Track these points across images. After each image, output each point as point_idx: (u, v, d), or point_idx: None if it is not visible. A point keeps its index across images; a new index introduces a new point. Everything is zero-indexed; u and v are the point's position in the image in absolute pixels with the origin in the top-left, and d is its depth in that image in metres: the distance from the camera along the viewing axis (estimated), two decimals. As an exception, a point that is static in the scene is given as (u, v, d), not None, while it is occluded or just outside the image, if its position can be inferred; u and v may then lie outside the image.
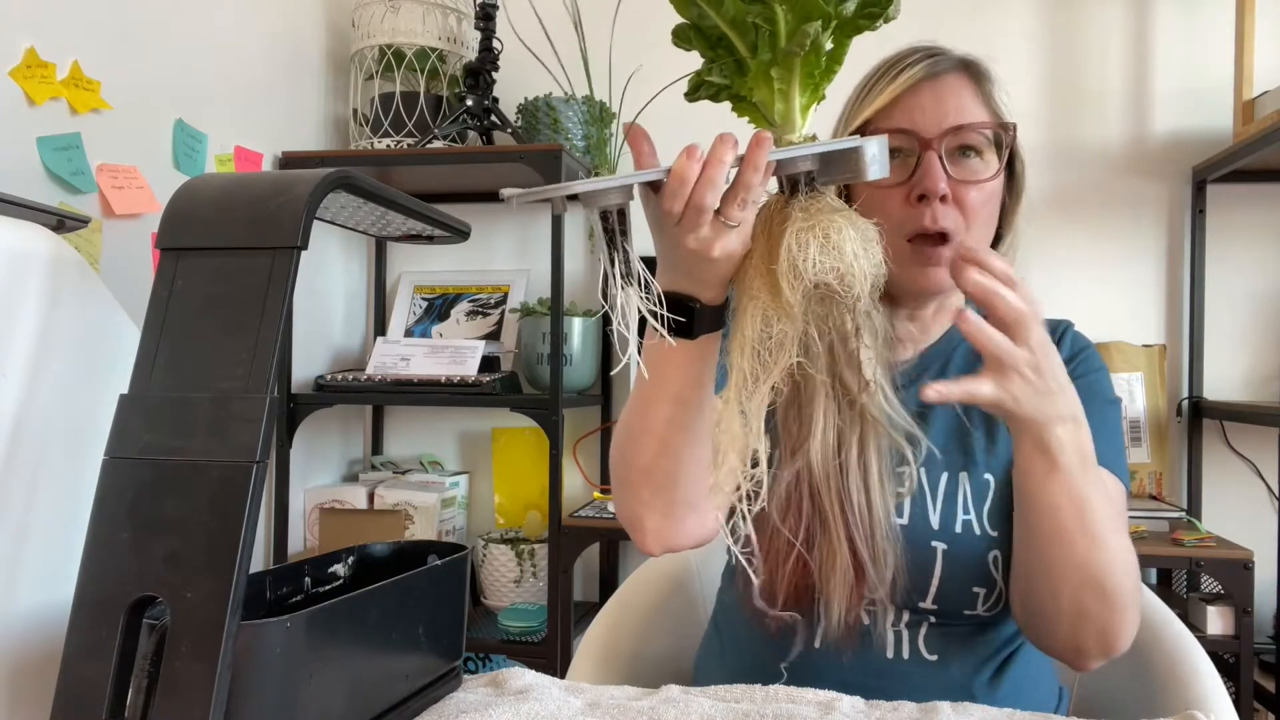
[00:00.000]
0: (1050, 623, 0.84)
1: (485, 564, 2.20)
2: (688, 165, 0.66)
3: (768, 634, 0.92)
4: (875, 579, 0.88)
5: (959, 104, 0.90)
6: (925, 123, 0.89)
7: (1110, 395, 0.96)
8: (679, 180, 0.67)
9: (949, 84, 0.92)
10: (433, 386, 2.01)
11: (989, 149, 0.91)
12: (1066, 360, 0.95)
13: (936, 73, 0.92)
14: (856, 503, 0.89)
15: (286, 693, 0.58)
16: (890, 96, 0.91)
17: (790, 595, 0.90)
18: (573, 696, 0.75)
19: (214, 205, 0.62)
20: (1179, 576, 2.08)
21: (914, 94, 0.91)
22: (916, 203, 0.88)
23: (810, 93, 0.70)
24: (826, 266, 0.64)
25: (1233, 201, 2.10)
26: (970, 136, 0.90)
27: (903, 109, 0.91)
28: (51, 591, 0.73)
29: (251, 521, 0.55)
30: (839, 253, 0.64)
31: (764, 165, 0.66)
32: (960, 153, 0.90)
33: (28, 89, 1.46)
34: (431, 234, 0.83)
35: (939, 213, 0.88)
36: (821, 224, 0.65)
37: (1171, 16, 2.16)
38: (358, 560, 0.82)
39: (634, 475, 0.85)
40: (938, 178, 0.87)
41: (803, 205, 0.67)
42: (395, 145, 2.15)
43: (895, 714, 0.74)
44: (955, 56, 0.94)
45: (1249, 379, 2.12)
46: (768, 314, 0.67)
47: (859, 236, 0.65)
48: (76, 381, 0.78)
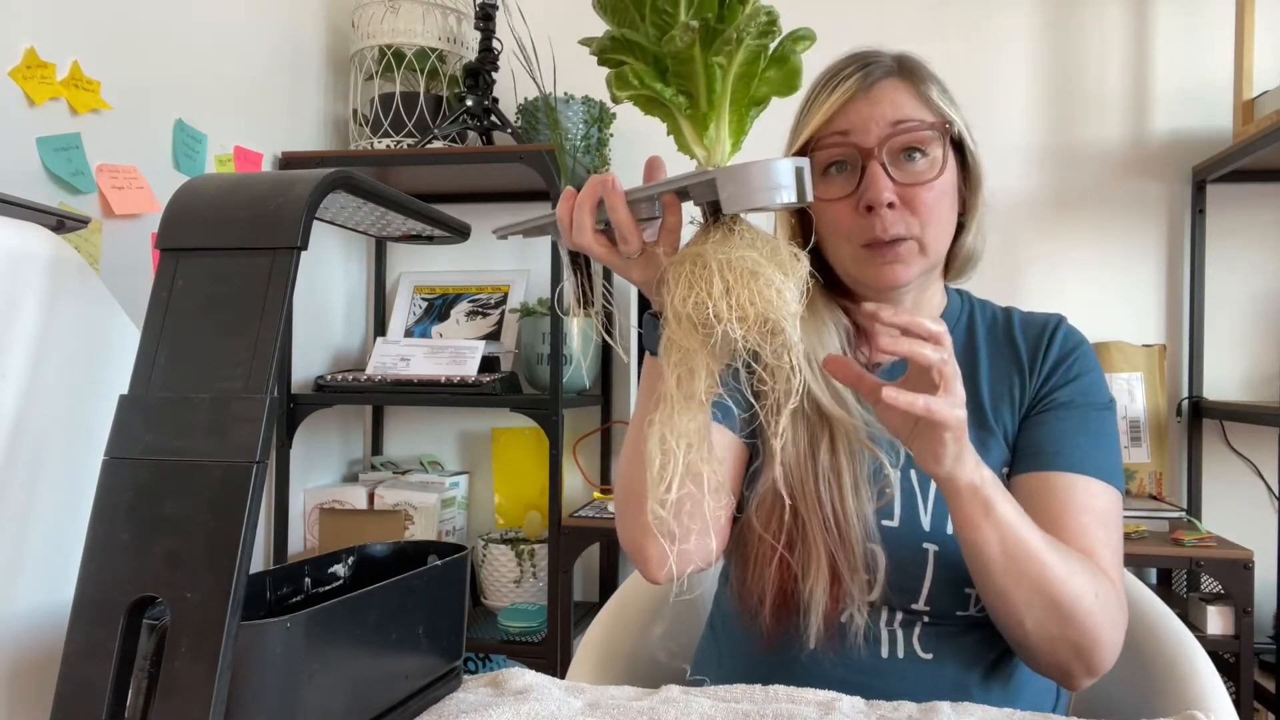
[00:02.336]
0: (1025, 649, 0.86)
1: (485, 564, 2.20)
2: (562, 209, 0.73)
3: (761, 635, 0.92)
4: (850, 583, 0.88)
5: (895, 108, 0.91)
6: (862, 129, 0.90)
7: (1103, 399, 0.95)
8: (562, 223, 0.74)
9: (883, 90, 0.92)
10: (433, 387, 2.01)
11: (935, 145, 0.91)
12: (1057, 359, 0.96)
13: (870, 82, 0.92)
14: (831, 508, 0.89)
15: (286, 693, 0.58)
16: (827, 114, 0.92)
17: (776, 598, 0.90)
18: (573, 697, 0.75)
19: (214, 205, 0.62)
20: (1179, 576, 2.08)
21: (850, 106, 0.91)
22: (866, 213, 0.89)
23: (736, 116, 0.68)
24: (693, 304, 0.64)
25: (1233, 201, 2.10)
26: (912, 137, 0.90)
27: (840, 121, 0.91)
28: (51, 591, 0.73)
29: (251, 522, 0.55)
30: (708, 290, 0.63)
31: (620, 205, 0.70)
32: (905, 155, 0.91)
33: (28, 89, 1.46)
34: (431, 234, 0.83)
35: (888, 220, 0.89)
36: (697, 263, 0.64)
37: (1171, 16, 2.16)
38: (358, 560, 0.82)
39: (635, 499, 0.86)
40: (881, 187, 0.88)
41: (716, 240, 0.66)
42: (395, 145, 2.15)
43: (895, 714, 0.74)
44: (888, 60, 0.94)
45: (1249, 379, 2.12)
46: (673, 342, 0.67)
47: (733, 277, 0.63)
48: (76, 381, 0.78)
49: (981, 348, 0.99)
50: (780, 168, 0.64)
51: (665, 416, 0.67)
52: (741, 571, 0.94)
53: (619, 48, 0.68)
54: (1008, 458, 0.94)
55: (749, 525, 0.92)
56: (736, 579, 0.95)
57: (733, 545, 0.96)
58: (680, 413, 0.67)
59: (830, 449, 0.91)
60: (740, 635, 0.96)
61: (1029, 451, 0.93)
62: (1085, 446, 0.91)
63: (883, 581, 0.89)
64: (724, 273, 0.63)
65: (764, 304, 0.62)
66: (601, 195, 0.71)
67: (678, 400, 0.67)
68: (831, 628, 0.89)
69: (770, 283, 0.63)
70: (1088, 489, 0.89)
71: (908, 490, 0.92)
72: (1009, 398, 0.95)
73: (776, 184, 0.64)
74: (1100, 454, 0.91)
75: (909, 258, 0.91)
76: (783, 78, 0.68)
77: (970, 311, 1.02)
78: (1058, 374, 0.95)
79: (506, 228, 0.80)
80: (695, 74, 0.66)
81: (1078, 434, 0.92)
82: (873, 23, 2.15)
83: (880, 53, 0.96)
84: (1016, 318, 1.01)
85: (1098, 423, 0.93)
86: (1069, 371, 0.95)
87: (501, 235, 0.81)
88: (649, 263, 0.72)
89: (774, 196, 0.64)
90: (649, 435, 0.67)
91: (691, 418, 0.67)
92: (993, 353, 0.98)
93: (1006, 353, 0.98)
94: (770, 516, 0.91)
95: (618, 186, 0.70)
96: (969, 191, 0.96)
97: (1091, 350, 0.98)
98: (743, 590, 0.93)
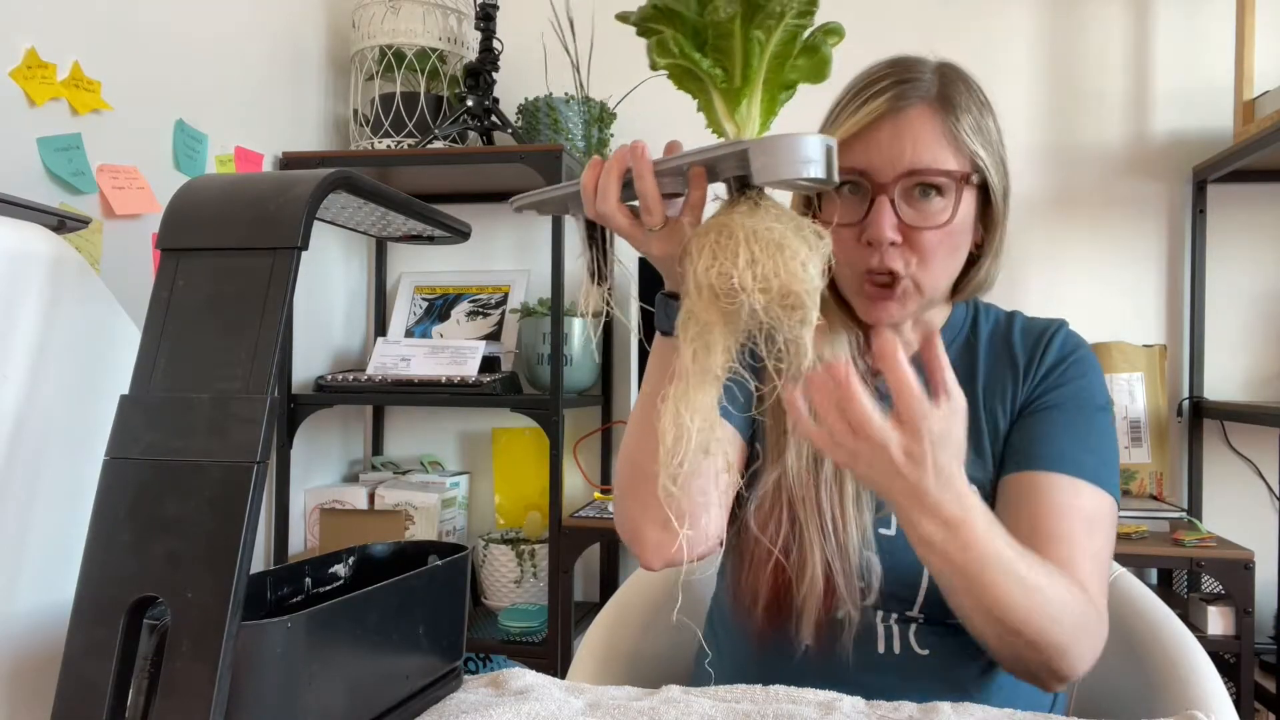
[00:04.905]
0: (995, 657, 0.84)
1: (485, 564, 2.20)
2: (587, 176, 0.71)
3: (756, 635, 0.92)
4: (844, 592, 0.88)
5: (917, 145, 0.86)
6: (880, 164, 0.86)
7: (1100, 400, 0.93)
8: (586, 190, 0.72)
9: (911, 120, 0.87)
10: (433, 387, 2.01)
11: (952, 190, 0.87)
12: (1054, 363, 0.94)
13: (900, 107, 0.87)
14: (831, 515, 0.89)
15: (287, 693, 0.58)
16: (852, 129, 0.88)
17: (769, 600, 0.90)
18: (573, 697, 0.75)
19: (214, 206, 0.62)
20: (1179, 576, 2.08)
21: (874, 129, 0.87)
22: (867, 245, 0.87)
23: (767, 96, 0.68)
24: (716, 274, 0.63)
25: (1233, 201, 2.10)
26: (929, 179, 0.87)
27: (860, 145, 0.88)
28: (51, 591, 0.73)
29: (252, 522, 0.55)
30: (733, 261, 0.63)
31: (647, 173, 0.69)
32: (920, 192, 0.87)
33: (28, 89, 1.46)
34: (432, 234, 0.83)
35: (887, 255, 0.87)
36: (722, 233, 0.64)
37: (1171, 16, 2.16)
38: (358, 561, 0.82)
39: (636, 482, 0.85)
40: (884, 226, 0.85)
41: (742, 212, 0.66)
42: (395, 146, 2.15)
43: (896, 714, 0.74)
44: (928, 79, 0.89)
45: (1249, 379, 2.12)
46: (692, 315, 0.67)
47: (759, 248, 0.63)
48: (76, 381, 0.78)
49: (981, 358, 0.97)
50: (811, 142, 0.64)
51: (680, 391, 0.66)
52: (736, 572, 0.94)
53: (660, 17, 0.68)
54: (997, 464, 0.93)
55: (746, 526, 0.92)
56: (731, 578, 0.95)
57: (730, 544, 0.96)
58: (695, 387, 0.66)
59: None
60: (737, 634, 0.96)
61: (1014, 452, 0.91)
62: (1069, 446, 0.89)
63: (878, 589, 0.89)
64: (750, 243, 0.63)
65: (788, 276, 0.62)
66: (630, 164, 0.70)
67: (693, 374, 0.66)
68: (825, 627, 0.89)
69: (795, 255, 0.63)
70: (1073, 488, 0.87)
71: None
72: (1002, 402, 0.94)
73: (807, 158, 0.64)
74: (1087, 455, 0.89)
75: (902, 296, 0.88)
76: (813, 66, 0.69)
77: (973, 321, 1.00)
78: (1052, 377, 0.93)
79: (523, 198, 0.78)
80: (733, 48, 0.66)
81: (1062, 434, 0.90)
82: (874, 22, 2.15)
83: (922, 66, 0.90)
84: (1018, 323, 0.99)
85: (1087, 424, 0.91)
86: (1063, 375, 0.93)
87: (518, 208, 0.79)
88: (669, 236, 0.71)
89: (804, 170, 0.64)
90: (663, 410, 0.67)
91: (706, 393, 0.67)
92: (991, 360, 0.97)
93: (1004, 358, 0.96)
94: (768, 520, 0.90)
95: (646, 154, 0.69)
96: (987, 227, 0.93)
97: (1091, 355, 0.96)
98: (737, 590, 0.94)
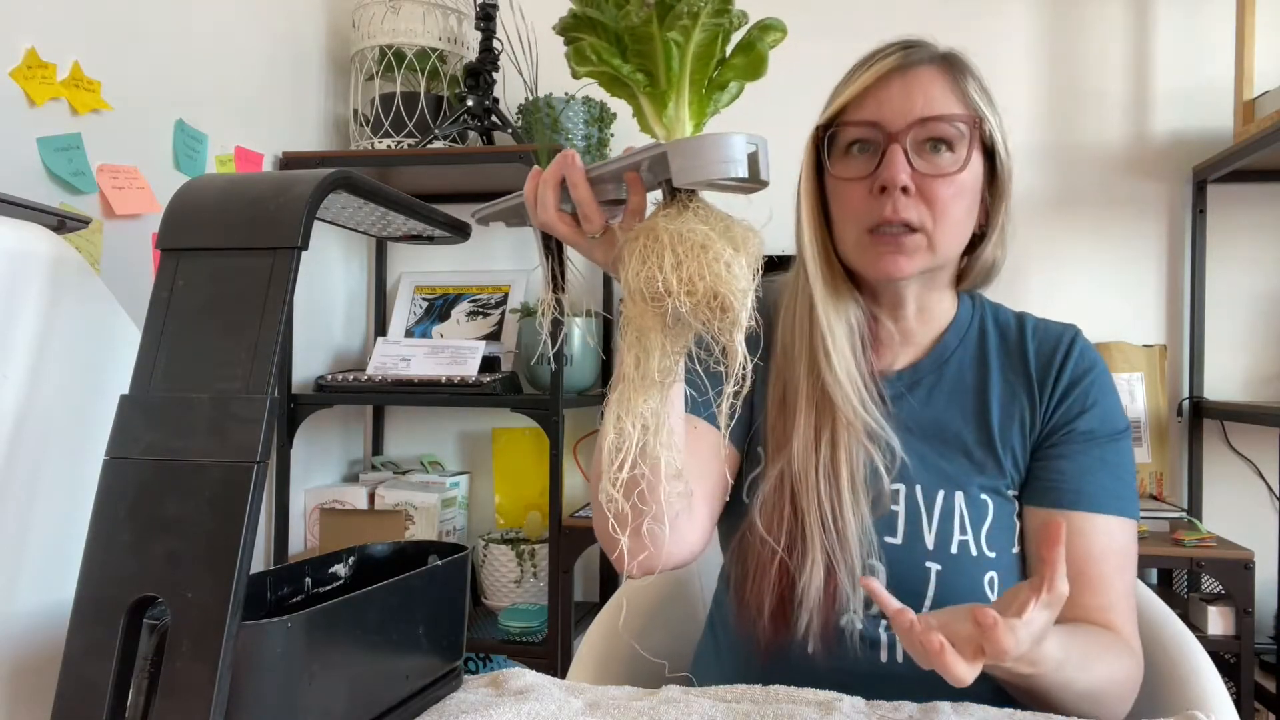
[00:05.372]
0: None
1: (486, 564, 2.20)
2: (528, 186, 0.73)
3: (761, 642, 0.91)
4: (848, 586, 0.87)
5: (928, 97, 0.88)
6: (891, 115, 0.87)
7: (1120, 425, 0.93)
8: (527, 200, 0.73)
9: (920, 76, 0.89)
10: (433, 387, 2.01)
11: (962, 143, 0.88)
12: (1070, 382, 0.93)
13: (909, 64, 0.89)
14: (829, 503, 0.88)
15: (287, 693, 0.58)
16: (860, 88, 0.89)
17: (774, 608, 0.89)
18: (573, 697, 0.75)
19: (214, 206, 0.62)
20: (1179, 576, 2.08)
21: (884, 85, 0.89)
22: (879, 194, 0.87)
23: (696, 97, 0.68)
24: (645, 278, 0.63)
25: (1233, 201, 2.10)
26: (940, 129, 0.87)
27: (871, 101, 0.89)
28: (51, 591, 0.73)
29: (252, 522, 0.55)
30: (659, 264, 0.63)
31: (580, 181, 0.70)
32: (930, 146, 0.88)
33: (28, 89, 1.46)
34: (432, 234, 0.83)
35: (900, 204, 0.86)
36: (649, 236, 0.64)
37: (1171, 16, 2.16)
38: (358, 560, 0.82)
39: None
40: (898, 169, 0.86)
41: (669, 215, 0.66)
42: (396, 146, 2.15)
43: (896, 714, 0.73)
44: (932, 49, 0.92)
45: (1249, 379, 2.12)
46: (630, 321, 0.66)
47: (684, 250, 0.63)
48: (76, 381, 0.78)
49: (993, 360, 0.96)
50: (732, 141, 0.64)
51: (621, 397, 0.66)
52: (741, 582, 0.93)
53: (581, 25, 0.68)
54: (1015, 480, 0.93)
55: (751, 529, 0.91)
56: (736, 589, 0.94)
57: (735, 554, 0.95)
58: (636, 393, 0.66)
59: (831, 443, 0.90)
60: (738, 635, 0.96)
61: (1047, 485, 0.91)
62: (1105, 482, 0.90)
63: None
64: (675, 246, 0.63)
65: (713, 278, 0.62)
66: (565, 172, 0.70)
67: (635, 380, 0.66)
68: (829, 631, 0.89)
69: (719, 256, 0.62)
70: (1107, 529, 0.89)
71: (912, 508, 0.90)
72: (1019, 420, 0.93)
73: (726, 158, 0.63)
74: (1119, 486, 0.90)
75: (912, 250, 0.88)
76: (748, 64, 0.69)
77: (981, 320, 0.99)
78: (1072, 398, 0.93)
79: (483, 210, 0.79)
80: (653, 51, 0.66)
81: (1098, 470, 0.90)
82: (874, 21, 2.14)
83: (926, 42, 0.93)
84: (1030, 326, 0.98)
85: (1115, 455, 0.92)
86: (1086, 398, 0.92)
87: (480, 219, 0.80)
88: (611, 242, 0.71)
89: (724, 169, 0.63)
90: (605, 415, 0.67)
91: (648, 399, 0.66)
92: (1004, 366, 0.96)
93: (1018, 368, 0.95)
94: (773, 518, 0.90)
95: (577, 162, 0.70)
96: (993, 199, 0.93)
97: (1107, 370, 0.95)
98: (741, 603, 0.92)
